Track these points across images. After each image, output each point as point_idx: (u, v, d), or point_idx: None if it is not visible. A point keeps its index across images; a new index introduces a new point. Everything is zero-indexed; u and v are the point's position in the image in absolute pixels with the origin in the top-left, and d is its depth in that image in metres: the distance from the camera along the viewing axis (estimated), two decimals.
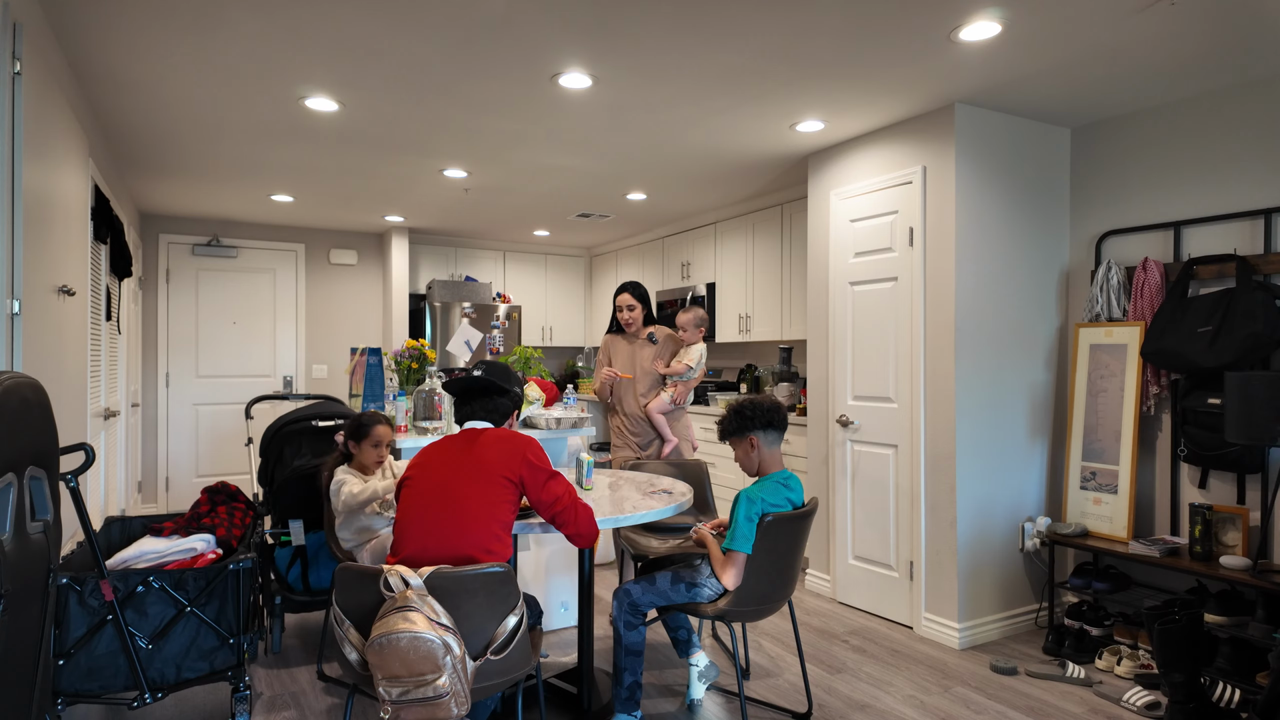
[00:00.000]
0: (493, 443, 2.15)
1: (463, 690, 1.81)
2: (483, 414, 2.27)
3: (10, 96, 2.13)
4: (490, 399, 2.28)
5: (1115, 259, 3.62)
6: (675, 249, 6.45)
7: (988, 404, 3.56)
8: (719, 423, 2.67)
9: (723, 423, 2.65)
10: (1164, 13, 2.57)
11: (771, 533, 2.42)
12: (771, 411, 2.57)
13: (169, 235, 6.32)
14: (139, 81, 3.26)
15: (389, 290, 6.89)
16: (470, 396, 2.29)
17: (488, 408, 2.27)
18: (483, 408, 2.27)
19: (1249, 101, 3.16)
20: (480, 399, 2.28)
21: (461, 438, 2.19)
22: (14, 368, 2.16)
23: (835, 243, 4.08)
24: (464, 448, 2.15)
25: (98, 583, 2.32)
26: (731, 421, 2.61)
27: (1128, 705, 2.86)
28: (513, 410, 2.34)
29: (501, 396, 2.29)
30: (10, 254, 2.14)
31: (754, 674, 3.15)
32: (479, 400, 2.28)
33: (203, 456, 6.46)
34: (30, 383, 1.56)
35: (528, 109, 3.57)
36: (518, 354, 4.36)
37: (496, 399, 2.29)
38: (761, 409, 2.57)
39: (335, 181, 5.04)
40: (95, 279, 3.77)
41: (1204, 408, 3.15)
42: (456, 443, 2.18)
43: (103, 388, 3.94)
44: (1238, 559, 2.90)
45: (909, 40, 2.79)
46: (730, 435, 2.62)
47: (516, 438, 2.18)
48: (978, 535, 3.52)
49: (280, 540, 3.32)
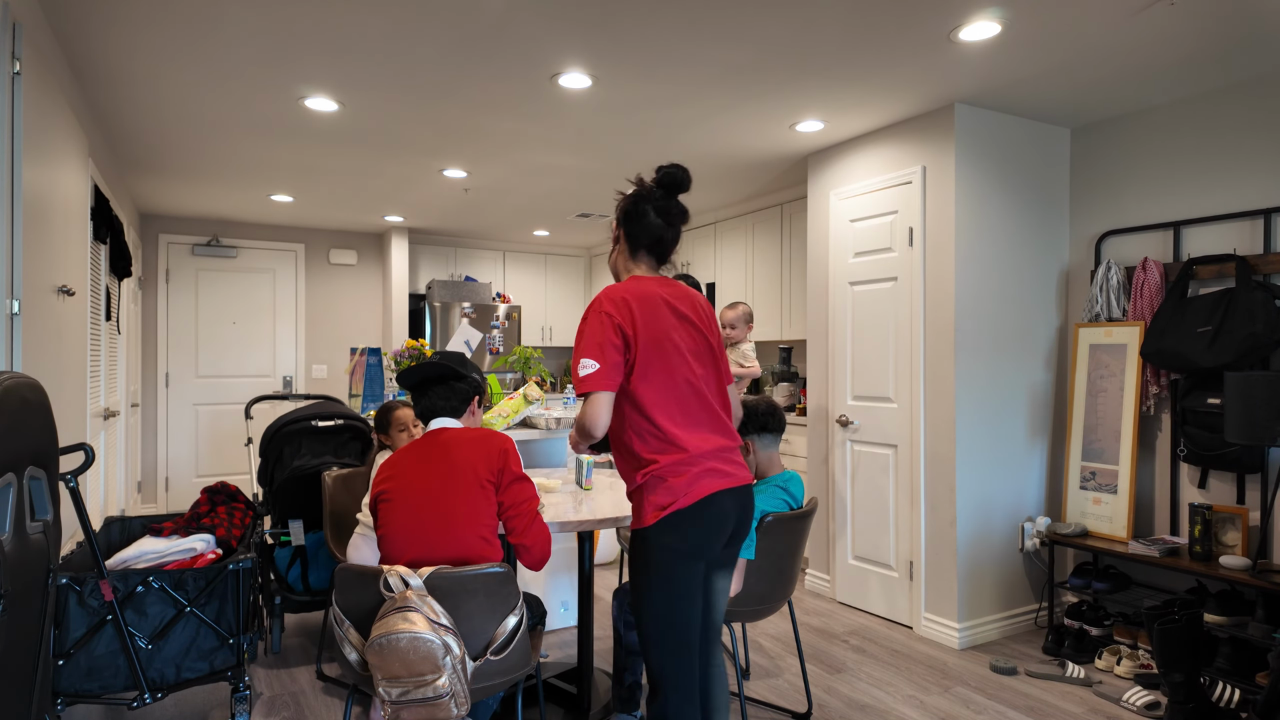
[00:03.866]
0: (468, 444, 2.06)
1: (463, 690, 1.81)
2: (443, 404, 2.18)
3: (10, 96, 2.13)
4: (448, 386, 2.19)
5: (1115, 259, 3.62)
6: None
7: (987, 404, 3.56)
8: None
9: None
10: (1164, 13, 2.57)
11: (771, 533, 2.42)
12: (767, 415, 2.52)
13: (169, 235, 6.32)
14: (139, 81, 3.26)
15: (389, 290, 6.89)
16: (427, 386, 2.20)
17: (446, 395, 2.18)
18: (441, 396, 2.18)
19: (1249, 101, 3.16)
20: (438, 386, 2.19)
21: (431, 442, 2.08)
22: (13, 368, 2.16)
23: (835, 243, 4.08)
24: (440, 454, 2.05)
25: (97, 583, 2.32)
26: None
27: (1127, 705, 2.86)
28: (473, 395, 2.24)
29: (459, 382, 2.20)
30: (10, 254, 2.14)
31: (754, 674, 3.15)
32: (437, 389, 2.19)
33: (202, 457, 6.46)
34: (30, 383, 1.56)
35: (527, 109, 3.57)
36: (517, 354, 4.35)
37: (454, 384, 2.19)
38: (757, 413, 2.52)
39: (335, 181, 5.03)
40: (95, 279, 3.77)
41: (1204, 408, 3.15)
42: (429, 449, 2.07)
43: (102, 388, 3.94)
44: (1237, 559, 2.90)
45: (909, 40, 2.79)
46: None
47: (492, 437, 2.10)
48: (977, 535, 3.52)
49: (280, 540, 3.32)
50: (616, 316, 1.83)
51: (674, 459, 1.81)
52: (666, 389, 1.85)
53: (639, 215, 1.94)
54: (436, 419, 2.18)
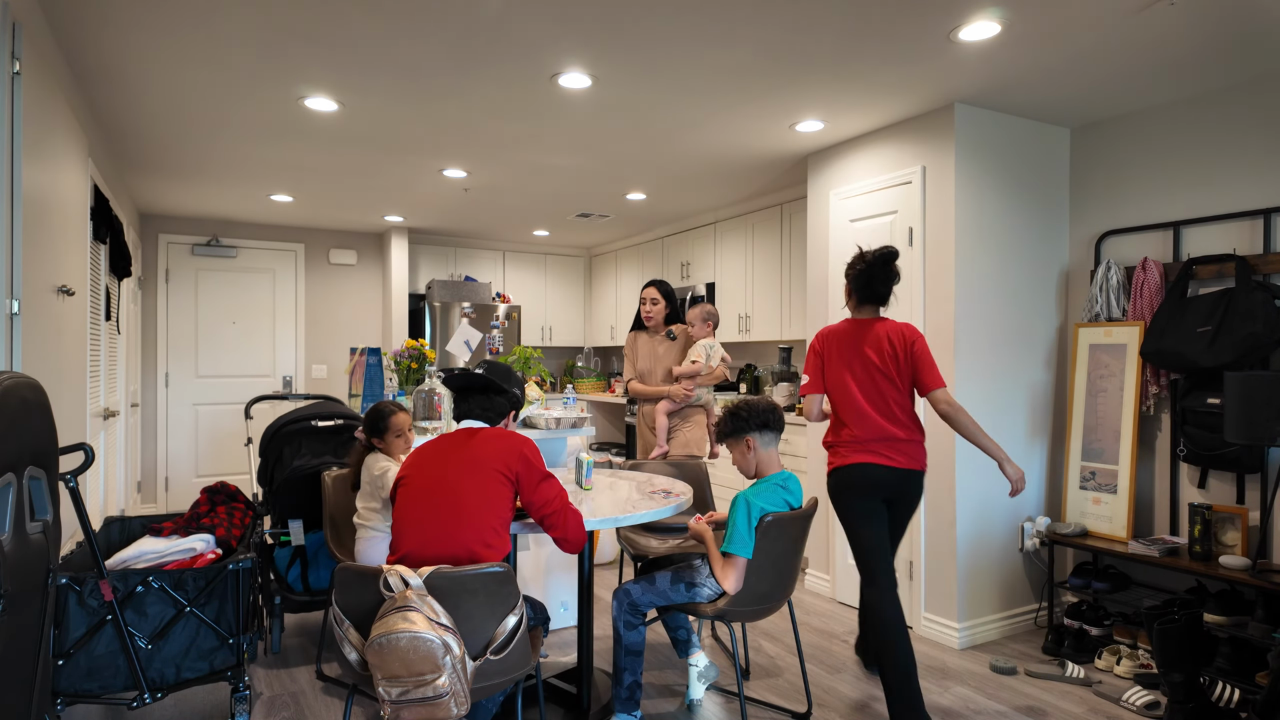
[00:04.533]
0: (489, 440, 2.15)
1: (462, 690, 1.81)
2: (479, 412, 2.27)
3: (10, 96, 2.13)
4: (488, 397, 2.29)
5: (1115, 259, 3.62)
6: (675, 249, 6.45)
7: (987, 404, 3.56)
8: (714, 425, 2.68)
9: (718, 425, 2.65)
10: (1164, 13, 2.57)
11: (770, 533, 2.42)
12: (767, 412, 2.56)
13: (168, 235, 6.32)
14: (139, 81, 3.26)
15: (388, 290, 6.89)
16: (469, 394, 2.29)
17: (484, 406, 2.28)
18: (479, 405, 2.28)
19: (1248, 101, 3.16)
20: (478, 397, 2.28)
21: (457, 435, 2.19)
22: (13, 368, 2.16)
23: (835, 243, 4.08)
24: (460, 445, 2.15)
25: (97, 583, 2.32)
26: (727, 424, 2.60)
27: (1127, 705, 2.86)
28: (509, 410, 2.34)
29: (499, 395, 2.30)
30: (10, 254, 2.14)
31: (754, 674, 3.15)
32: (477, 398, 2.28)
33: (202, 456, 6.46)
34: (29, 383, 1.56)
35: (527, 109, 3.57)
36: (517, 354, 4.35)
37: (494, 398, 2.29)
38: (758, 410, 2.56)
39: (335, 181, 5.04)
40: (95, 279, 3.77)
41: (1203, 407, 3.15)
42: (452, 440, 2.18)
43: (102, 388, 3.94)
44: (1237, 559, 2.90)
45: (909, 40, 2.79)
46: (726, 438, 2.62)
47: (513, 436, 2.18)
48: (977, 535, 3.52)
49: (280, 540, 3.32)
50: (816, 345, 2.87)
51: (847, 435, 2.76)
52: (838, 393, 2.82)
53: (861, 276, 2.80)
54: (468, 420, 2.28)
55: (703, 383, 3.84)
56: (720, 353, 3.90)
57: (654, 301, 3.99)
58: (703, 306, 3.92)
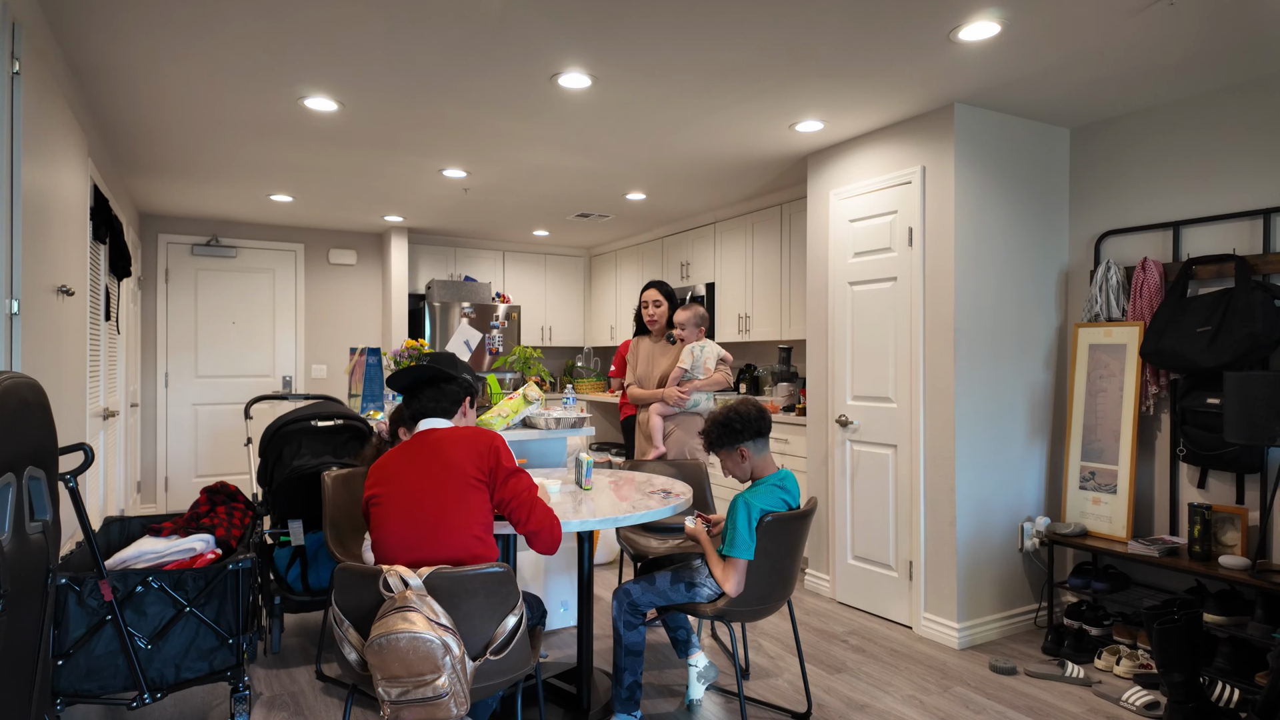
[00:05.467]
0: (456, 442, 2.06)
1: (462, 690, 1.81)
2: (433, 405, 2.19)
3: (9, 96, 2.13)
4: (438, 388, 2.20)
5: (1114, 259, 3.62)
6: (674, 249, 6.45)
7: (987, 404, 3.56)
8: (702, 434, 2.61)
9: (707, 435, 2.56)
10: (1163, 13, 2.57)
11: (770, 533, 2.42)
12: (758, 420, 2.51)
13: (168, 235, 6.32)
14: (138, 81, 3.26)
15: (388, 290, 6.88)
16: (418, 389, 2.20)
17: (436, 397, 2.19)
18: (432, 399, 2.19)
19: (1247, 101, 3.16)
20: (428, 390, 2.20)
21: (419, 443, 2.08)
22: (13, 368, 2.16)
23: (834, 243, 4.08)
24: (428, 454, 2.05)
25: (97, 583, 2.32)
26: (718, 434, 2.52)
27: (1127, 705, 2.86)
28: (464, 397, 2.25)
29: (449, 384, 2.21)
30: (9, 254, 2.14)
31: (753, 674, 3.15)
32: (427, 391, 2.19)
33: (202, 456, 6.46)
34: (29, 383, 1.56)
35: (527, 109, 3.57)
36: (517, 354, 4.35)
37: (445, 387, 2.20)
38: (749, 419, 2.50)
39: (335, 181, 5.03)
40: (94, 279, 3.77)
41: (1203, 407, 3.15)
42: (418, 450, 2.07)
43: (101, 388, 3.93)
44: (1237, 559, 2.90)
45: (908, 40, 2.79)
46: (718, 448, 2.55)
47: (481, 434, 2.10)
48: (977, 535, 3.52)
49: (279, 540, 3.32)
50: None
51: None
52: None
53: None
54: (426, 420, 2.18)
55: (701, 387, 3.74)
56: (716, 354, 3.79)
57: (657, 304, 3.95)
58: (693, 310, 3.82)
